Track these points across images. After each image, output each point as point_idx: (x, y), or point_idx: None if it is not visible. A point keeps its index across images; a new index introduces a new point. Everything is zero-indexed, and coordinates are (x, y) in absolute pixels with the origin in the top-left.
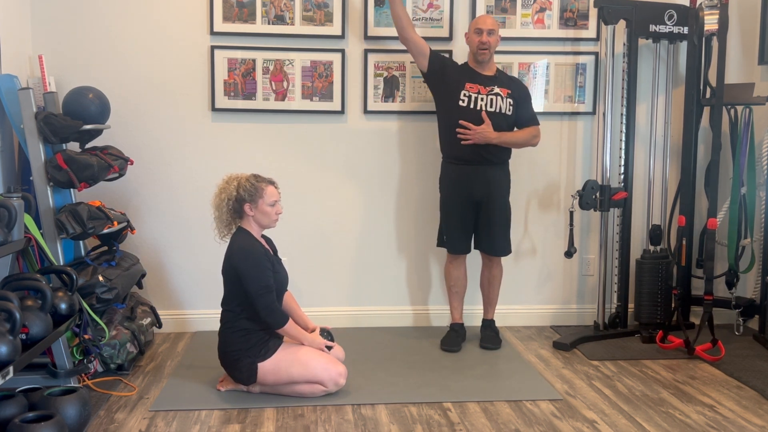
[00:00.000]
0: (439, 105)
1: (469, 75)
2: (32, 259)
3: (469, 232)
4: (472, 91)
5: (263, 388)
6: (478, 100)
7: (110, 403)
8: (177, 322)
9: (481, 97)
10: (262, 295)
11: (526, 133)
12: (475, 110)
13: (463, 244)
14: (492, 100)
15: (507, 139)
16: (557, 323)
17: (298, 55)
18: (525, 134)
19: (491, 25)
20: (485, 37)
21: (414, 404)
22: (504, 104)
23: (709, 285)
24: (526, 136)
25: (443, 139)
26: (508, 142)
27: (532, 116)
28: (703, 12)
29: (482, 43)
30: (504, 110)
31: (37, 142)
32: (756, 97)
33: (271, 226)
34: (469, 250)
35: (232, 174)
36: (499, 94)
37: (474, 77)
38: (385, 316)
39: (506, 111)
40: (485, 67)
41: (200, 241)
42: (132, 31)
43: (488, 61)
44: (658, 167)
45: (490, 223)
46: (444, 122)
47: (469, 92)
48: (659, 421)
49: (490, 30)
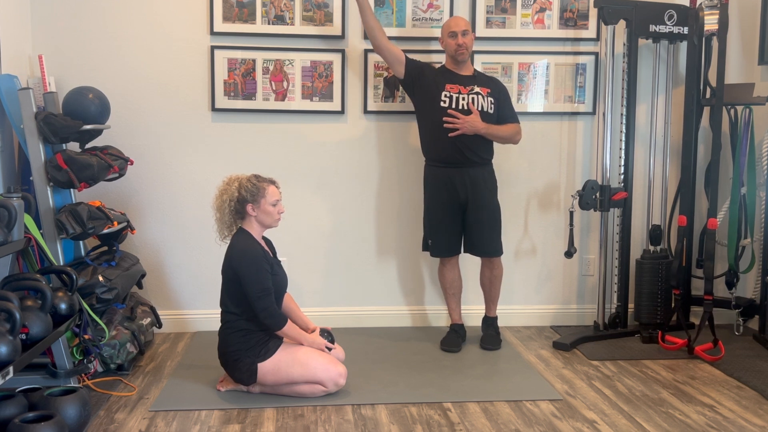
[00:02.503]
0: (420, 108)
1: (448, 76)
2: (32, 259)
3: (455, 233)
4: (453, 91)
5: (263, 388)
6: (459, 99)
7: (110, 403)
8: (177, 322)
9: (462, 97)
10: (261, 298)
11: (511, 128)
12: (457, 109)
13: (451, 246)
14: (473, 99)
15: (494, 131)
16: (557, 323)
17: (298, 55)
18: (510, 129)
19: (464, 26)
20: (461, 39)
21: (414, 404)
22: (486, 103)
23: (709, 285)
24: (511, 132)
25: (425, 142)
26: (494, 134)
27: (513, 114)
28: (703, 12)
29: (459, 45)
30: (486, 108)
31: (37, 142)
32: (756, 97)
33: (273, 225)
34: (458, 251)
35: (233, 175)
36: (480, 93)
37: (453, 78)
38: (385, 316)
39: (488, 109)
40: (463, 68)
41: (200, 241)
42: (132, 31)
43: (466, 61)
44: (658, 167)
45: (478, 224)
46: (426, 124)
47: (449, 92)
48: (659, 421)
49: (464, 31)
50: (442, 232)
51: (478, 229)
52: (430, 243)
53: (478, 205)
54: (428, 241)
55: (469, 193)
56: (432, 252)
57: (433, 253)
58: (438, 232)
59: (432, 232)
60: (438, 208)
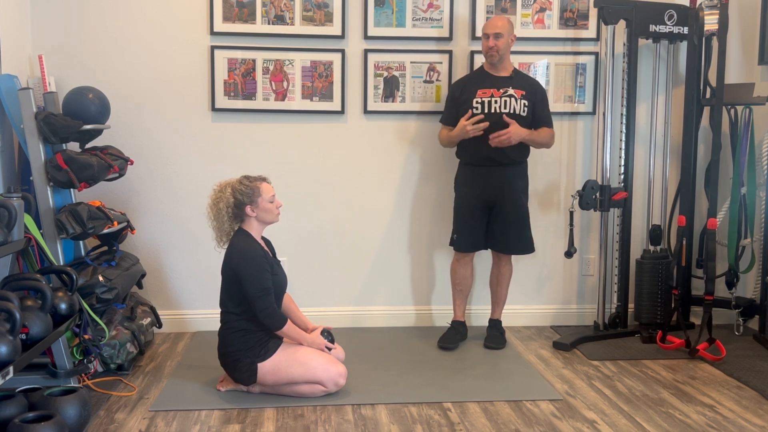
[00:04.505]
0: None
1: (481, 80)
2: (32, 259)
3: (479, 231)
4: (485, 96)
5: (263, 388)
6: (492, 103)
7: (110, 403)
8: (177, 322)
9: (495, 100)
10: (261, 298)
11: (547, 133)
12: (490, 113)
13: (472, 242)
14: (506, 101)
15: (534, 138)
16: (557, 323)
17: (298, 55)
18: (547, 135)
19: (497, 29)
20: (491, 42)
21: (414, 404)
22: (519, 105)
23: (709, 285)
24: (548, 137)
25: (460, 146)
26: (534, 140)
27: (549, 118)
28: (703, 12)
29: (489, 47)
30: (519, 111)
31: (37, 142)
32: (756, 97)
33: (274, 221)
34: (477, 248)
35: (222, 182)
36: (513, 95)
37: (486, 81)
38: (385, 316)
39: (521, 112)
40: (499, 69)
41: (200, 241)
42: (132, 31)
43: (500, 62)
44: (658, 167)
45: (504, 222)
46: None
47: (481, 98)
48: (659, 421)
49: (496, 33)
50: (468, 228)
51: (506, 227)
52: (455, 237)
53: (506, 204)
54: (454, 236)
55: (498, 193)
56: (456, 247)
57: (457, 248)
58: (464, 228)
59: (458, 228)
60: (466, 205)
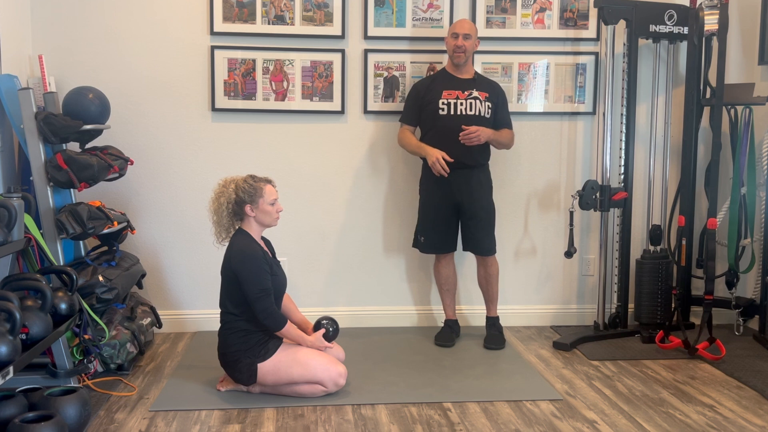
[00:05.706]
0: (422, 119)
1: (446, 81)
2: (32, 259)
3: (450, 232)
4: (450, 97)
5: (263, 388)
6: (457, 105)
7: (110, 403)
8: (177, 322)
9: (460, 102)
10: (260, 299)
11: (509, 134)
12: (456, 116)
13: (445, 243)
14: (471, 103)
15: (498, 138)
16: (557, 323)
17: (298, 55)
18: (509, 135)
19: (467, 30)
20: (460, 41)
21: (414, 404)
22: (483, 107)
23: (709, 285)
24: (509, 138)
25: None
26: (498, 141)
27: (509, 120)
28: (703, 12)
29: (457, 47)
30: (483, 113)
31: (37, 142)
32: (756, 97)
33: (273, 224)
34: (452, 249)
35: (227, 177)
36: (478, 97)
37: (451, 82)
38: (385, 316)
39: (485, 114)
40: (463, 71)
41: (200, 241)
42: (132, 31)
43: (465, 64)
44: (658, 167)
45: (473, 223)
46: (426, 131)
47: (447, 100)
48: (659, 421)
49: (466, 34)
50: (435, 230)
51: (476, 229)
52: (421, 240)
53: (475, 206)
54: (420, 238)
55: (466, 194)
56: (422, 249)
57: (423, 249)
58: (431, 230)
59: (424, 230)
60: (432, 206)
